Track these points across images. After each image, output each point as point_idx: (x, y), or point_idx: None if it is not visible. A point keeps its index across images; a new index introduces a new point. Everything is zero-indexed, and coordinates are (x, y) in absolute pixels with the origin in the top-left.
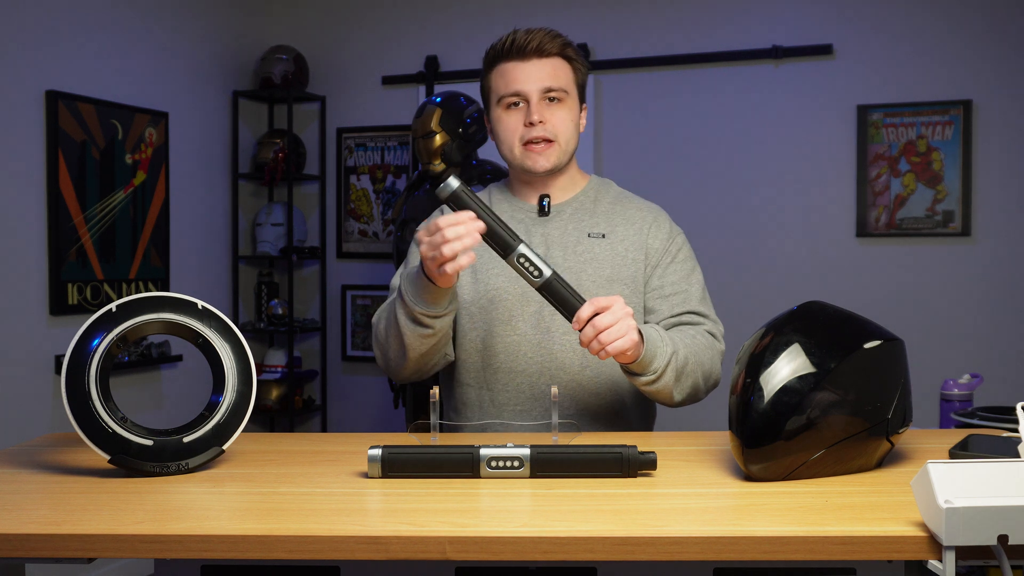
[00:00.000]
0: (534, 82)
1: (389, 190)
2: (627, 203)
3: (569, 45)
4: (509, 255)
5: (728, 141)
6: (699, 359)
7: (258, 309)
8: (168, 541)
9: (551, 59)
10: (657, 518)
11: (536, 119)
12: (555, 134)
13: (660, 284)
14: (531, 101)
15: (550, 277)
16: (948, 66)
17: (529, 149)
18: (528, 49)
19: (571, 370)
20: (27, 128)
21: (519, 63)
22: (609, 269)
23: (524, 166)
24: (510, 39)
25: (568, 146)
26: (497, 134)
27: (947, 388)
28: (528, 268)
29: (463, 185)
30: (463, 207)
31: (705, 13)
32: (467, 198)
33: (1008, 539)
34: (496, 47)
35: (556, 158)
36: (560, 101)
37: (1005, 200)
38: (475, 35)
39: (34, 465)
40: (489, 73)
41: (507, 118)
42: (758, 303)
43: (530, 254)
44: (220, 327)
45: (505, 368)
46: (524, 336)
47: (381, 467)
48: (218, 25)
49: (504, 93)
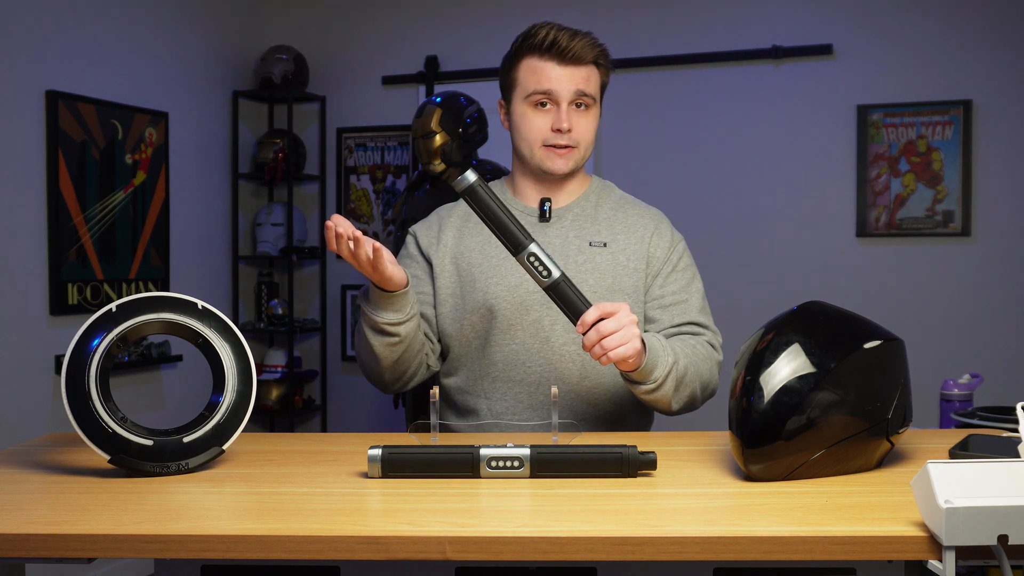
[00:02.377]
0: (568, 87)
1: (389, 190)
2: (628, 209)
3: (605, 53)
4: (520, 253)
5: (728, 141)
6: (698, 369)
7: (258, 309)
8: (168, 541)
9: (587, 66)
10: (657, 518)
11: (566, 126)
12: (578, 141)
13: (661, 294)
14: (561, 105)
15: (559, 278)
16: (948, 66)
17: (550, 151)
18: (568, 55)
19: (570, 380)
20: (27, 128)
21: (556, 65)
22: (610, 279)
23: (543, 166)
24: (551, 37)
25: (587, 152)
26: (519, 129)
27: (947, 388)
28: (538, 267)
29: (480, 179)
30: (479, 201)
31: (705, 13)
32: (483, 192)
33: (1008, 539)
34: (533, 40)
35: (575, 163)
36: (587, 108)
37: (1005, 200)
38: (475, 35)
39: (34, 465)
40: (518, 64)
41: (534, 116)
42: (758, 303)
43: (541, 254)
44: (220, 327)
45: (504, 377)
46: (523, 345)
47: (381, 467)
48: (218, 25)
49: (535, 90)
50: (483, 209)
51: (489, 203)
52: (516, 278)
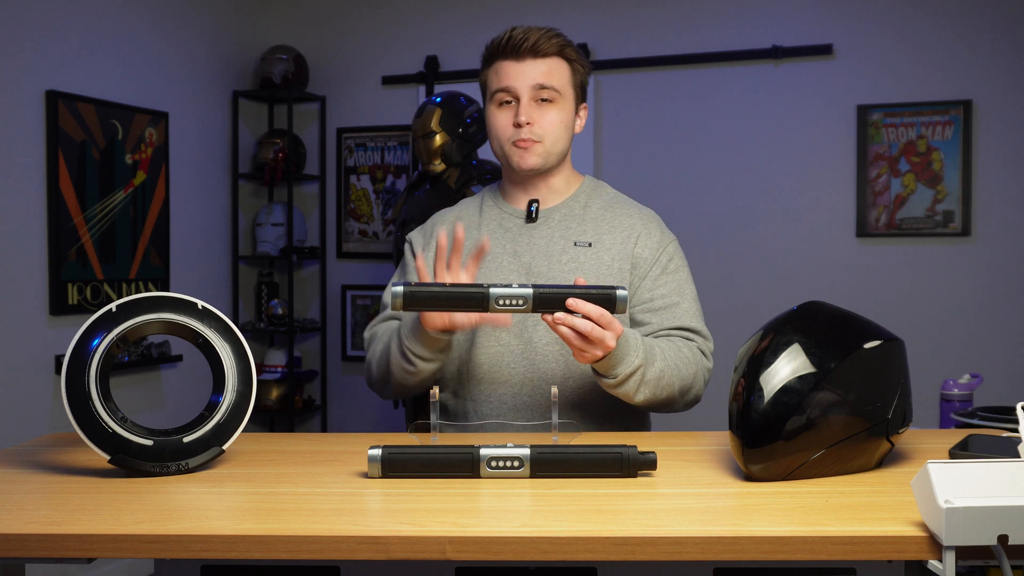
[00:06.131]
0: (525, 81)
1: (389, 190)
2: (618, 209)
3: (568, 45)
4: (489, 306)
5: (728, 141)
6: (680, 373)
7: (258, 309)
8: (168, 541)
9: (547, 59)
10: (657, 518)
11: (523, 120)
12: (541, 135)
13: (651, 296)
14: (521, 100)
15: (533, 297)
16: (948, 66)
17: (515, 146)
18: (523, 48)
19: (554, 380)
20: (27, 128)
21: (513, 62)
22: (594, 279)
23: (510, 163)
24: (507, 36)
25: (555, 147)
26: (489, 129)
27: (947, 388)
28: (513, 304)
29: (405, 284)
30: (418, 301)
31: (705, 13)
32: (416, 292)
33: (1008, 539)
34: (494, 43)
35: (541, 158)
36: (551, 102)
37: (1005, 200)
38: (475, 35)
39: (34, 465)
40: (486, 69)
41: (498, 115)
42: (758, 303)
43: (504, 291)
44: (220, 327)
45: (488, 379)
46: (507, 347)
47: (381, 467)
48: (218, 25)
49: (495, 89)
50: (428, 302)
51: (427, 296)
52: (500, 279)
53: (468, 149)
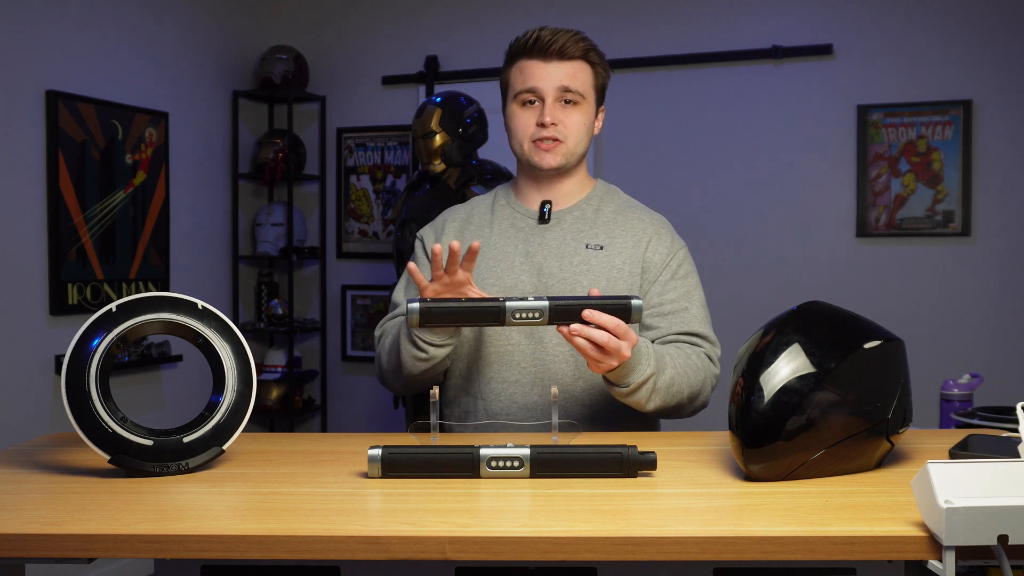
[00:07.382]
0: (551, 83)
1: (389, 190)
2: (630, 213)
3: (593, 49)
4: (506, 320)
5: (728, 141)
6: (689, 380)
7: (258, 309)
8: (168, 541)
9: (572, 62)
10: (657, 518)
11: (548, 120)
12: (565, 136)
13: (660, 301)
14: (546, 101)
15: (549, 309)
16: (948, 66)
17: (537, 146)
18: (551, 50)
19: (564, 381)
20: (27, 128)
21: (540, 62)
22: (604, 281)
23: (531, 162)
24: (534, 36)
25: (576, 148)
26: (510, 128)
27: (947, 388)
28: (529, 317)
29: (421, 301)
30: (436, 317)
31: (705, 13)
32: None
33: (1008, 539)
34: (520, 42)
35: (563, 158)
36: (575, 104)
37: (1005, 200)
38: (475, 35)
39: (34, 465)
40: (510, 67)
41: (521, 114)
42: (758, 303)
43: (520, 304)
44: (220, 327)
45: (498, 378)
46: (517, 346)
47: (381, 467)
48: (218, 25)
49: (520, 89)
50: (444, 318)
51: (446, 311)
52: (512, 279)
53: (468, 149)
